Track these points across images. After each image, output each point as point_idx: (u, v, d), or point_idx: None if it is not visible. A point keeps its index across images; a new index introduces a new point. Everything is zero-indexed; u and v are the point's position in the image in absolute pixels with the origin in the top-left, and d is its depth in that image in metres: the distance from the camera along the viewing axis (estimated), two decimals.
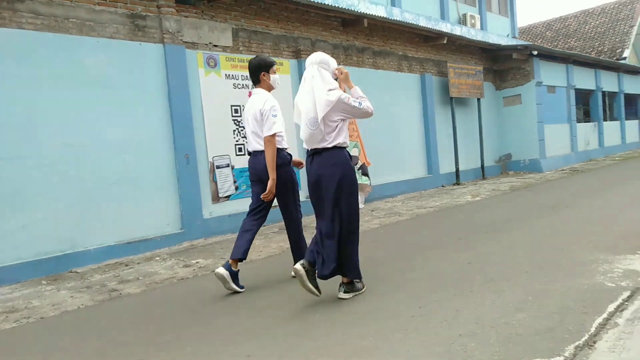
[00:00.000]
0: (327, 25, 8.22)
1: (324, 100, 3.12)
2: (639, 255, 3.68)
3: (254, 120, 3.73)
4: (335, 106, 3.14)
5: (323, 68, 3.27)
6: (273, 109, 3.65)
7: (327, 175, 3.22)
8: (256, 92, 3.84)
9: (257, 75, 3.81)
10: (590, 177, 10.13)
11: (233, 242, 5.85)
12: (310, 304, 3.25)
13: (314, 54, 3.35)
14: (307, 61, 3.34)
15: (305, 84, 3.27)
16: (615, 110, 17.43)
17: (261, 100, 3.71)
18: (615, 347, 2.20)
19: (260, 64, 3.81)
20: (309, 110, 3.19)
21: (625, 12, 19.85)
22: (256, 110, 3.70)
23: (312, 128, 3.19)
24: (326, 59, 3.31)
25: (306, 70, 3.32)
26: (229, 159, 6.64)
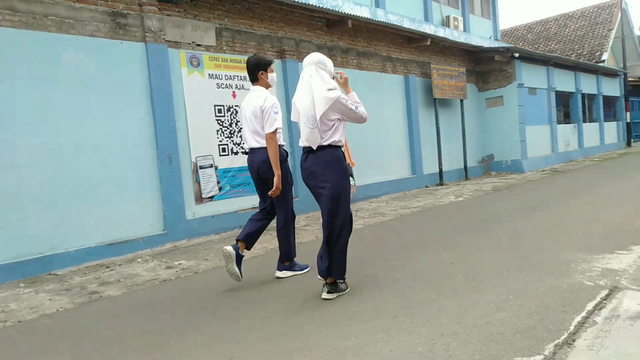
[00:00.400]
0: (312, 25, 8.21)
1: (323, 99, 3.16)
2: (617, 254, 3.76)
3: (253, 117, 3.77)
4: (333, 105, 3.18)
5: (320, 68, 3.30)
6: (274, 106, 3.72)
7: (319, 172, 3.26)
8: (254, 89, 3.88)
9: (255, 74, 3.87)
10: (570, 178, 10.31)
11: (217, 243, 5.87)
12: (293, 304, 3.24)
13: (311, 54, 3.38)
14: (304, 61, 3.37)
15: (303, 83, 3.30)
16: (594, 112, 17.78)
17: (261, 98, 3.76)
18: (593, 345, 2.24)
19: (259, 62, 3.87)
20: (308, 109, 3.22)
21: (604, 16, 20.27)
22: (256, 107, 3.74)
23: (311, 126, 3.21)
24: (323, 59, 3.34)
25: (303, 70, 3.35)
26: (212, 159, 6.59)
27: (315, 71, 3.27)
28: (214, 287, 3.95)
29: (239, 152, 6.92)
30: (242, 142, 6.97)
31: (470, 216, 6.44)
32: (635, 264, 3.47)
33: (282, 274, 4.05)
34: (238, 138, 6.92)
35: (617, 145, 19.20)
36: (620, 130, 19.97)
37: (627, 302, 2.74)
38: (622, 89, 19.90)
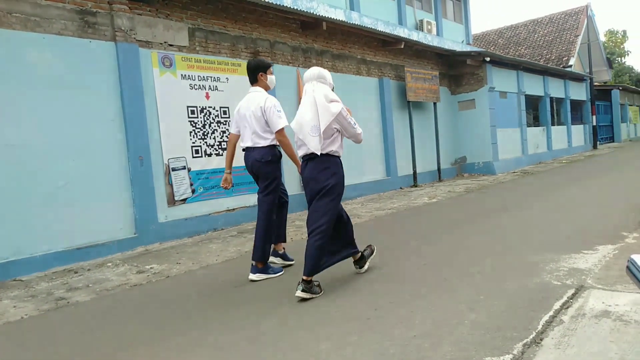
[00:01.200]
0: (286, 27, 8.19)
1: (328, 110, 3.43)
2: (583, 254, 3.87)
3: (253, 116, 3.93)
4: (337, 117, 3.45)
5: (321, 82, 3.59)
6: (275, 105, 3.92)
7: (316, 178, 3.49)
8: (254, 90, 4.07)
9: (255, 75, 4.08)
10: (539, 179, 10.58)
11: (189, 246, 5.77)
12: (265, 308, 3.21)
13: (311, 69, 3.65)
14: (305, 76, 3.64)
15: (307, 97, 3.54)
16: (562, 115, 18.32)
17: (262, 98, 3.94)
18: (560, 343, 2.29)
19: (259, 64, 4.11)
20: (311, 119, 3.45)
21: (570, 22, 20.93)
22: (256, 108, 3.91)
23: (313, 134, 3.44)
24: (323, 73, 3.62)
25: (305, 84, 3.61)
26: (185, 161, 6.49)
27: (317, 85, 3.55)
28: (186, 291, 3.89)
29: (212, 153, 6.84)
30: (215, 143, 6.90)
31: (444, 218, 6.53)
32: (600, 263, 3.57)
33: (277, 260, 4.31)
34: (211, 139, 6.84)
35: (584, 148, 19.82)
36: (587, 133, 20.63)
37: (593, 301, 2.82)
38: (588, 93, 20.57)
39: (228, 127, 7.05)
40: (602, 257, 3.72)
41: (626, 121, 26.59)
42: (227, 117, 7.05)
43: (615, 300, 2.78)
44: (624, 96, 26.33)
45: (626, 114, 26.64)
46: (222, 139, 6.99)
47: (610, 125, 24.88)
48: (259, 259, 4.00)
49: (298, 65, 8.39)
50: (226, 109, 7.05)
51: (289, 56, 8.22)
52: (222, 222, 6.79)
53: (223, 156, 6.98)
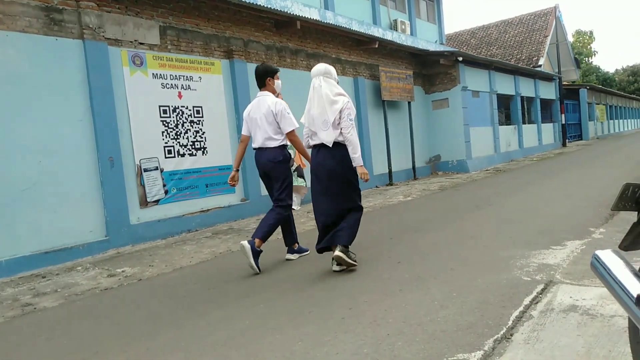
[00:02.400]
0: (260, 26, 8.14)
1: (334, 106, 3.77)
2: (552, 249, 3.96)
3: (265, 119, 4.17)
4: (341, 111, 3.76)
5: (327, 77, 3.89)
6: (285, 108, 4.18)
7: (332, 166, 3.81)
8: (262, 94, 4.30)
9: (264, 80, 4.31)
10: (511, 177, 10.80)
11: (163, 248, 5.68)
12: (239, 310, 3.18)
13: (317, 66, 3.95)
14: (312, 72, 3.94)
15: (315, 93, 3.86)
16: (533, 114, 18.77)
17: (271, 102, 4.20)
18: (529, 338, 2.33)
19: (267, 70, 4.33)
20: (321, 114, 3.79)
21: (540, 23, 21.44)
22: (267, 111, 4.16)
23: (325, 128, 3.78)
24: (329, 69, 3.92)
25: (312, 80, 3.90)
26: (157, 162, 6.38)
27: (323, 81, 3.85)
28: (158, 294, 3.82)
29: (185, 153, 6.74)
30: (188, 143, 6.80)
31: (418, 215, 6.59)
32: (569, 258, 3.66)
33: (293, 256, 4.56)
34: (184, 139, 6.74)
35: (554, 146, 20.34)
36: (557, 131, 21.19)
37: (561, 295, 2.88)
38: (557, 92, 21.12)
39: (201, 126, 6.97)
40: (570, 253, 3.82)
41: (593, 119, 27.42)
42: (200, 117, 6.96)
43: (583, 294, 2.85)
44: (591, 95, 27.15)
45: (593, 112, 27.47)
46: (196, 138, 6.89)
47: (579, 123, 25.62)
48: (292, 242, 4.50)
49: (273, 64, 8.33)
50: (199, 108, 6.95)
51: (263, 55, 8.16)
52: (197, 223, 6.70)
53: (196, 156, 6.89)
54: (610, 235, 4.27)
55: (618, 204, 1.78)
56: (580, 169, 11.00)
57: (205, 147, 7.03)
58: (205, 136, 7.02)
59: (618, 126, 34.85)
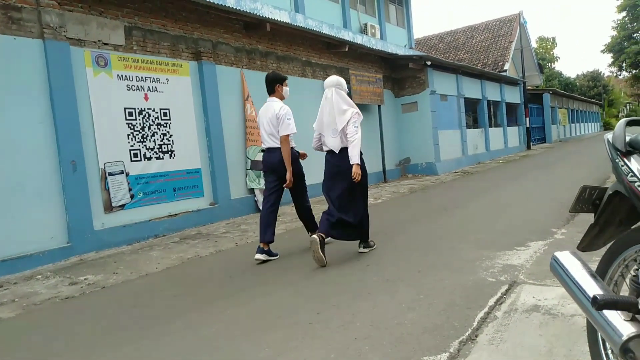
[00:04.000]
0: (229, 27, 8.05)
1: (343, 116, 4.24)
2: (516, 250, 4.05)
3: (271, 122, 4.54)
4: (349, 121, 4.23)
5: (338, 89, 4.36)
6: (287, 114, 4.52)
7: (342, 169, 4.26)
8: (271, 100, 4.69)
9: (273, 86, 4.70)
10: (478, 179, 11.04)
11: (128, 254, 5.53)
12: (206, 316, 3.12)
13: (330, 78, 4.46)
14: (325, 83, 4.43)
15: (327, 103, 4.35)
16: (499, 117, 19.24)
17: (278, 106, 4.55)
18: (493, 339, 2.37)
19: (276, 77, 4.72)
20: (331, 122, 4.29)
21: (505, 29, 22.04)
22: (273, 114, 4.51)
23: (333, 136, 4.30)
24: (340, 81, 4.41)
25: (325, 90, 4.38)
26: (122, 166, 6.21)
27: (335, 92, 4.32)
28: (122, 303, 3.70)
29: (152, 157, 6.59)
30: (155, 146, 6.65)
31: (387, 218, 6.64)
32: (532, 259, 3.76)
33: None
34: (151, 142, 6.59)
35: (519, 148, 20.92)
36: (522, 135, 21.79)
37: (524, 296, 2.95)
38: (522, 96, 21.74)
39: (169, 129, 6.83)
40: (534, 253, 3.92)
41: (556, 123, 28.34)
42: (167, 120, 6.82)
43: (545, 294, 2.92)
44: (554, 99, 28.06)
45: (556, 116, 28.41)
46: (163, 142, 6.75)
47: (542, 126, 26.42)
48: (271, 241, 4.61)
49: (242, 66, 8.27)
50: (167, 110, 6.82)
51: (232, 57, 8.08)
52: (164, 228, 6.56)
53: (164, 160, 6.75)
54: (571, 235, 4.40)
55: (576, 206, 1.83)
56: (543, 171, 11.34)
57: (173, 151, 6.89)
58: (172, 139, 6.89)
59: (579, 129, 36.14)
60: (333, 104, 4.29)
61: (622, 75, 47.97)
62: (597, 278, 1.53)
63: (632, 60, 40.36)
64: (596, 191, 1.76)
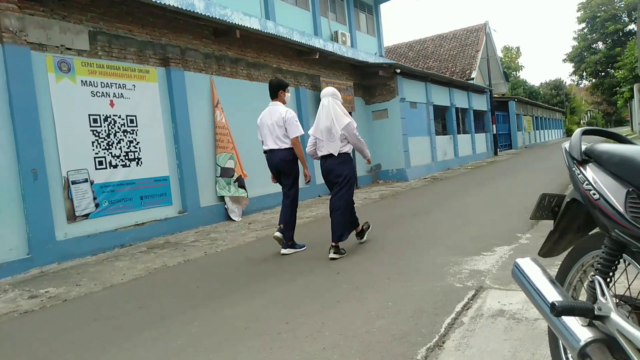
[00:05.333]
0: (198, 33, 7.97)
1: (340, 122, 4.66)
2: (482, 256, 4.13)
3: (276, 125, 4.90)
4: (346, 127, 4.67)
5: (335, 98, 4.80)
6: (294, 117, 4.93)
7: (335, 171, 4.74)
8: (274, 104, 5.03)
9: (277, 92, 5.05)
10: (447, 185, 11.23)
11: (93, 265, 5.39)
12: (172, 329, 3.04)
13: (326, 88, 4.92)
14: (322, 93, 4.88)
15: (323, 110, 4.76)
16: (467, 124, 19.68)
17: (283, 110, 4.92)
18: (460, 345, 2.40)
19: (280, 84, 5.08)
20: (329, 128, 4.68)
21: (472, 38, 22.61)
22: (279, 118, 4.89)
23: (331, 140, 4.70)
24: (336, 92, 4.87)
25: (322, 99, 4.81)
26: (87, 174, 6.03)
27: (332, 101, 4.75)
28: (84, 316, 3.58)
29: (118, 164, 6.43)
30: (121, 154, 6.49)
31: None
32: (497, 264, 3.83)
33: (287, 251, 5.01)
34: (117, 150, 6.43)
35: (487, 155, 21.42)
36: (489, 141, 22.34)
37: (490, 301, 3.00)
38: (488, 104, 22.31)
39: (135, 136, 6.69)
40: (499, 258, 4.00)
41: (521, 129, 29.19)
42: (134, 126, 6.68)
43: (510, 299, 2.98)
44: (519, 107, 28.90)
45: (521, 123, 29.26)
46: (129, 149, 6.60)
47: (508, 133, 27.15)
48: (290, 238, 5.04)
49: (212, 72, 8.19)
50: (133, 117, 6.67)
51: (201, 63, 8.00)
52: (130, 237, 6.39)
53: (130, 167, 6.60)
54: (535, 240, 4.51)
55: (536, 213, 1.88)
56: (510, 176, 11.64)
57: (140, 158, 6.74)
58: (139, 146, 6.74)
59: (543, 136, 37.32)
60: (330, 110, 4.72)
61: (582, 83, 49.94)
62: (556, 284, 1.57)
63: (591, 69, 42.10)
64: (555, 199, 1.81)
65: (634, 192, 1.30)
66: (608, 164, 1.45)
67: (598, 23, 41.43)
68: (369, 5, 16.32)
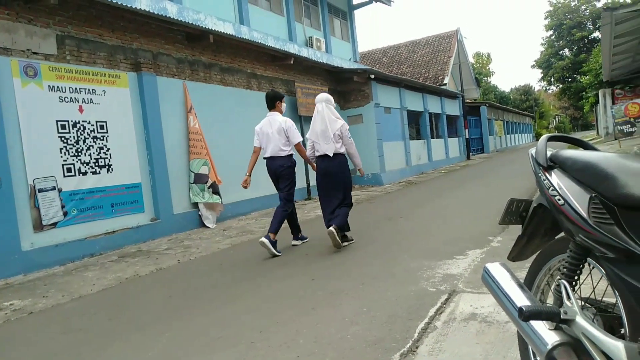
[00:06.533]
0: (171, 38, 7.87)
1: (333, 126, 5.11)
2: (455, 259, 4.18)
3: (277, 133, 5.24)
4: (339, 129, 5.10)
5: (328, 103, 5.23)
6: (293, 125, 5.33)
7: (334, 172, 5.17)
8: (272, 114, 5.38)
9: (274, 103, 5.40)
10: (422, 189, 11.37)
11: (61, 276, 5.22)
12: (143, 341, 2.97)
13: (320, 94, 5.36)
14: (316, 99, 5.30)
15: (318, 115, 5.19)
16: (440, 129, 19.99)
17: (282, 120, 5.30)
18: (433, 350, 2.41)
19: (276, 95, 5.44)
20: (324, 131, 5.11)
21: (444, 45, 23.01)
22: (279, 127, 5.24)
23: (326, 143, 5.11)
24: (329, 98, 5.29)
25: (317, 105, 5.25)
26: (54, 181, 5.86)
27: (325, 106, 5.19)
28: (51, 329, 3.46)
29: (87, 171, 6.27)
30: (91, 161, 6.33)
31: None
32: (470, 267, 3.89)
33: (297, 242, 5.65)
34: (87, 157, 6.27)
35: (459, 159, 21.80)
36: (461, 145, 22.74)
37: (462, 304, 3.04)
38: (461, 109, 22.73)
39: (106, 142, 6.54)
40: (472, 262, 4.05)
41: (493, 134, 29.85)
42: (104, 132, 6.53)
43: (481, 302, 3.02)
44: (491, 112, 29.56)
45: (493, 127, 29.92)
46: (99, 155, 6.45)
47: (480, 137, 27.72)
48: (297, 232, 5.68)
49: (185, 77, 8.10)
50: (103, 123, 6.53)
51: (174, 68, 7.89)
52: (101, 246, 6.23)
53: (100, 174, 6.45)
54: (506, 243, 4.60)
55: (505, 219, 1.91)
56: (482, 180, 11.86)
57: (111, 165, 6.60)
58: (110, 153, 6.59)
59: (514, 140, 38.24)
60: (324, 115, 5.14)
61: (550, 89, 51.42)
62: (524, 289, 1.60)
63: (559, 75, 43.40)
64: (522, 204, 1.84)
65: (596, 197, 1.33)
66: (572, 170, 1.48)
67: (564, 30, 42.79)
68: (343, 11, 16.43)
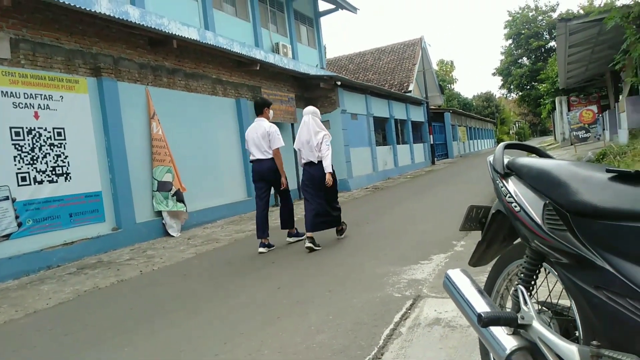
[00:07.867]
0: (132, 43, 7.69)
1: (317, 137, 5.56)
2: (420, 264, 4.23)
3: (262, 138, 5.58)
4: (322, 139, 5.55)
5: (314, 116, 5.71)
6: (276, 131, 5.64)
7: (317, 175, 5.55)
8: (259, 120, 5.73)
9: (262, 109, 5.80)
10: (388, 194, 11.49)
11: (15, 290, 4.98)
12: (96, 358, 2.86)
13: (307, 107, 5.83)
14: (304, 111, 5.78)
15: (304, 126, 5.64)
16: (405, 135, 20.32)
17: (267, 125, 5.62)
18: (398, 356, 2.42)
19: (265, 102, 5.90)
20: (308, 140, 5.56)
21: (409, 52, 23.44)
22: (264, 132, 5.57)
23: (311, 151, 5.57)
24: (316, 110, 5.81)
25: (303, 117, 5.72)
26: (8, 191, 5.59)
27: (311, 118, 5.64)
28: (2, 346, 3.28)
29: (44, 180, 6.02)
30: (47, 169, 6.09)
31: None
32: (434, 272, 3.94)
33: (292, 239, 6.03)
34: (43, 165, 6.02)
35: (425, 164, 22.20)
36: (426, 151, 23.18)
37: (427, 309, 3.07)
38: (425, 115, 23.19)
39: (64, 150, 6.31)
40: (436, 266, 4.11)
41: (457, 139, 30.57)
42: (62, 139, 6.29)
43: (445, 307, 3.06)
44: (454, 118, 30.28)
45: (456, 133, 30.65)
46: (57, 163, 6.21)
47: (445, 143, 28.34)
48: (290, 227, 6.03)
49: (147, 83, 7.92)
50: (61, 130, 6.29)
51: (136, 74, 7.71)
52: (58, 258, 5.98)
53: (57, 183, 6.21)
54: (470, 247, 4.69)
55: (465, 225, 1.94)
56: (446, 185, 12.10)
57: (69, 173, 6.36)
58: (68, 160, 6.36)
59: (477, 145, 39.28)
60: (309, 127, 5.59)
61: (510, 96, 53.16)
62: (484, 294, 1.62)
63: (517, 82, 44.89)
64: (482, 210, 1.88)
65: (550, 204, 1.36)
66: (527, 177, 1.52)
67: (523, 39, 44.37)
68: (310, 18, 16.51)
